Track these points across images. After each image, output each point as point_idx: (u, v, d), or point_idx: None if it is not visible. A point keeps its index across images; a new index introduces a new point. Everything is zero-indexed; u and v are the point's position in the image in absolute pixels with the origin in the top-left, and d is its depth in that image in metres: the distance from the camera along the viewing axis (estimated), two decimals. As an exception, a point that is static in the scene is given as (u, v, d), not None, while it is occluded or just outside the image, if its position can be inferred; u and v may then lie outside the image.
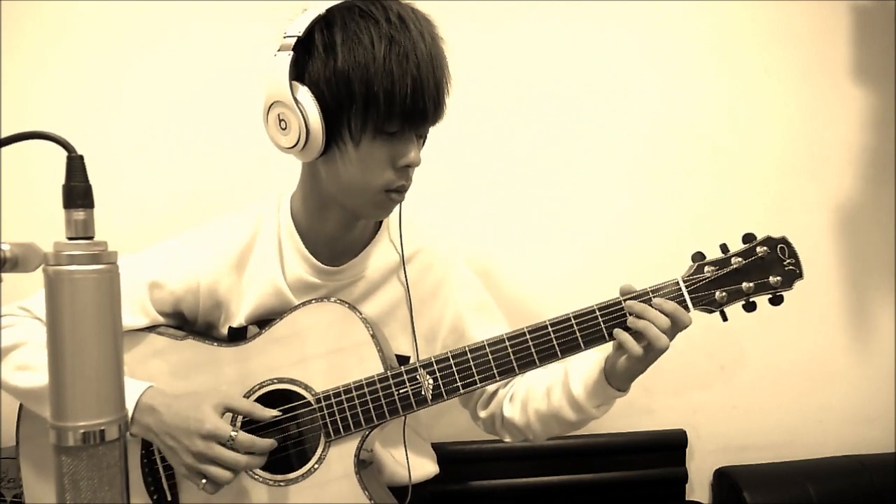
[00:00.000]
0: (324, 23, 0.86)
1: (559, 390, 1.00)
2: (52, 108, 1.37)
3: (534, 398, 1.03)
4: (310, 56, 0.86)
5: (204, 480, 0.87)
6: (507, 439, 1.11)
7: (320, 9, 0.86)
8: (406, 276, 1.03)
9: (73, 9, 1.35)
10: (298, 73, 0.87)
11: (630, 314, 0.91)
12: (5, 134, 0.54)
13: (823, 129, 1.56)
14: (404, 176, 0.92)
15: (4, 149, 0.55)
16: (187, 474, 0.89)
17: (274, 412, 0.93)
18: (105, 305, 0.51)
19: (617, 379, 0.95)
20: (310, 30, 0.86)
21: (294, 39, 0.85)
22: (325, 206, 0.98)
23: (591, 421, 1.01)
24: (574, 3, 1.47)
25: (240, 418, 0.95)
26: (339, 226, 1.00)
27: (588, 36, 1.48)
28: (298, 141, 0.87)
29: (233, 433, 0.87)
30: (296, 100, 0.85)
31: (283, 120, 0.87)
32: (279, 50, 0.86)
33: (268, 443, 0.90)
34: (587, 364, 0.98)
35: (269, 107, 0.88)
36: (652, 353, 0.89)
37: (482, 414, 1.10)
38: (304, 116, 0.85)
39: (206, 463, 0.87)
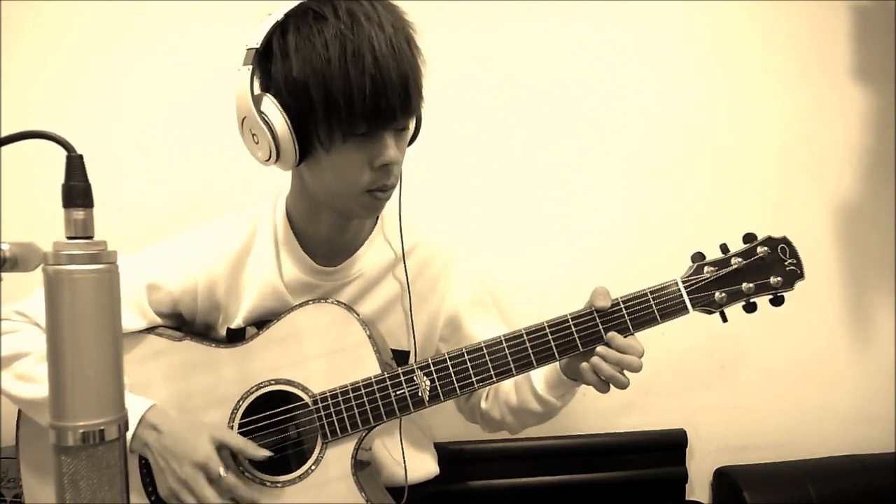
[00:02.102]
0: (279, 31, 0.84)
1: (524, 384, 1.03)
2: (52, 108, 1.36)
3: (504, 393, 1.06)
4: (271, 64, 0.85)
5: None
6: (487, 430, 1.14)
7: (278, 16, 0.84)
8: (406, 273, 1.02)
9: (73, 9, 1.35)
10: (266, 83, 0.86)
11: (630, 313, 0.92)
12: (5, 134, 0.54)
13: (823, 129, 1.56)
14: (385, 174, 0.90)
15: (4, 148, 0.55)
16: (167, 497, 0.90)
17: (267, 452, 0.92)
18: (105, 305, 0.51)
19: (573, 373, 0.96)
20: (268, 38, 0.84)
21: (253, 52, 0.84)
22: (315, 208, 0.98)
23: (559, 410, 1.03)
24: (573, 2, 1.47)
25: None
26: (332, 227, 1.00)
27: (587, 36, 1.48)
28: (271, 153, 0.85)
29: (222, 472, 0.87)
30: (261, 112, 0.84)
31: (254, 134, 0.86)
32: (243, 63, 0.85)
33: (251, 497, 0.90)
34: None
35: (241, 123, 0.87)
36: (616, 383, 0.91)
37: (463, 405, 1.15)
38: (271, 129, 0.83)
39: (186, 491, 0.87)
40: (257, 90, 0.87)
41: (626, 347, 0.90)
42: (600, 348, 0.90)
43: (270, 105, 0.84)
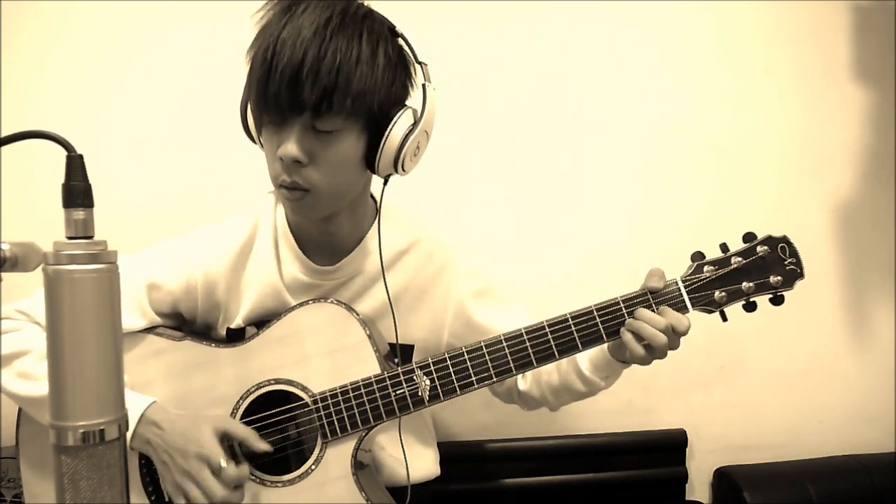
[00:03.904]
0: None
1: (567, 364, 1.03)
2: (52, 108, 1.36)
3: (545, 371, 1.06)
4: None
5: (183, 502, 0.88)
6: (526, 408, 1.14)
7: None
8: (383, 270, 0.99)
9: (72, 9, 1.35)
10: None
11: (629, 314, 0.91)
12: (5, 134, 0.54)
13: (823, 129, 1.56)
14: (286, 170, 0.87)
15: (4, 148, 0.55)
16: (172, 491, 0.90)
17: (267, 446, 0.93)
18: (105, 305, 0.51)
19: (620, 353, 0.96)
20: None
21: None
22: None
23: (603, 389, 1.03)
24: (575, 2, 1.47)
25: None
26: (316, 225, 0.99)
27: (588, 35, 1.48)
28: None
29: (223, 463, 0.87)
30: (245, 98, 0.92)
31: None
32: None
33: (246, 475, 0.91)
34: None
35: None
36: (656, 352, 0.90)
37: (499, 389, 1.14)
38: (243, 111, 0.93)
39: (190, 483, 0.87)
40: None
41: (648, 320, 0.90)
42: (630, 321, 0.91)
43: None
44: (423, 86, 0.90)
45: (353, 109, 0.84)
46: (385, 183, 0.95)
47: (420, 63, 0.91)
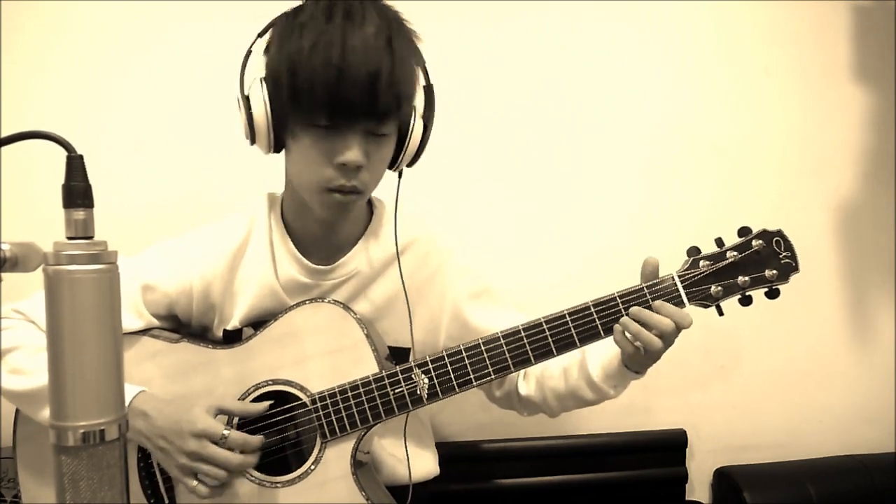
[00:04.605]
0: (279, 21, 0.90)
1: (576, 371, 1.02)
2: (52, 108, 1.36)
3: (550, 377, 1.05)
4: (266, 53, 0.91)
5: (195, 483, 0.88)
6: (525, 414, 1.13)
7: (287, 7, 0.91)
8: (401, 269, 1.01)
9: (72, 9, 1.35)
10: (262, 69, 0.91)
11: (626, 310, 0.91)
12: (5, 134, 0.54)
13: (823, 129, 1.56)
14: (344, 175, 0.89)
15: (4, 149, 0.55)
16: (179, 475, 0.89)
17: (266, 404, 0.94)
18: (105, 305, 0.51)
19: (633, 363, 0.95)
20: (267, 28, 0.91)
21: (256, 38, 0.91)
22: (304, 204, 0.98)
23: (605, 399, 1.03)
24: (574, 2, 1.47)
25: (235, 420, 0.95)
26: (320, 223, 1.00)
27: (588, 35, 1.48)
28: (246, 134, 0.90)
29: (225, 431, 0.88)
30: (245, 97, 0.89)
31: (239, 112, 0.91)
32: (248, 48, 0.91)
33: (258, 439, 0.91)
34: (604, 347, 0.99)
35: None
36: (650, 353, 0.90)
37: (498, 393, 1.12)
38: (248, 110, 0.88)
39: (199, 462, 0.87)
40: (253, 73, 0.91)
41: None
42: (657, 303, 0.90)
43: (257, 89, 0.88)
44: (430, 87, 0.95)
45: (404, 113, 0.90)
46: (400, 178, 0.98)
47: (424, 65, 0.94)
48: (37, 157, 1.30)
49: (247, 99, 0.88)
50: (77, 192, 0.52)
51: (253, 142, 0.91)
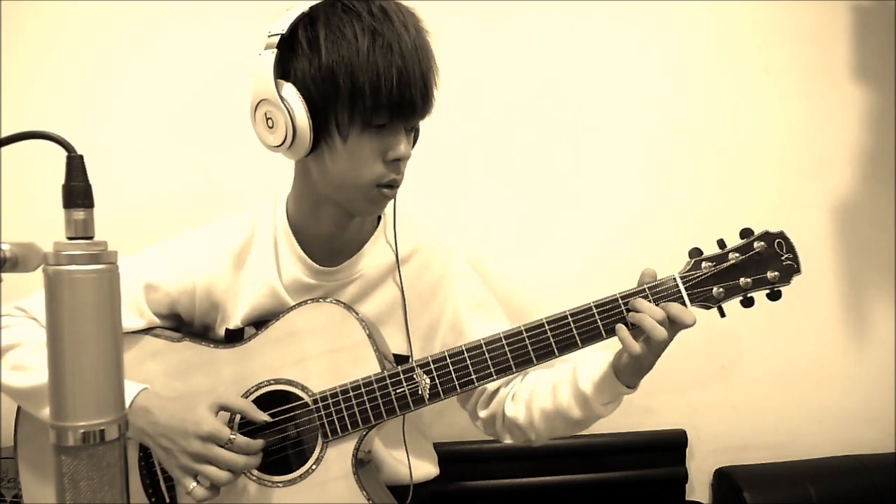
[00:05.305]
0: (307, 20, 0.86)
1: (566, 387, 0.99)
2: (52, 108, 1.37)
3: (539, 396, 1.02)
4: (294, 54, 0.86)
5: (193, 485, 0.87)
6: (508, 440, 1.08)
7: (304, 7, 0.87)
8: (400, 276, 1.02)
9: (72, 9, 1.35)
10: (284, 71, 0.87)
11: (628, 309, 0.91)
12: (5, 134, 0.54)
13: (823, 129, 1.56)
14: (395, 170, 0.92)
15: (4, 149, 0.55)
16: (181, 476, 0.89)
17: (266, 416, 0.93)
18: (105, 305, 0.51)
19: (625, 374, 0.93)
20: (293, 27, 0.86)
21: (278, 38, 0.86)
22: (318, 204, 0.98)
23: (595, 421, 0.99)
24: (574, 2, 1.47)
25: (237, 417, 0.95)
26: (333, 225, 1.00)
27: (587, 35, 1.48)
28: (286, 139, 0.87)
29: (231, 436, 0.87)
30: (281, 97, 0.85)
31: (269, 118, 0.88)
32: (264, 49, 0.87)
33: (262, 443, 0.91)
34: (596, 362, 0.98)
35: (256, 106, 0.89)
36: (652, 346, 0.88)
37: (482, 414, 1.08)
38: (290, 113, 0.85)
39: (203, 464, 0.87)
40: (276, 76, 0.88)
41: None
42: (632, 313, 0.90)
43: (291, 91, 0.86)
44: None
45: None
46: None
47: None
48: (37, 157, 1.30)
49: (284, 101, 0.85)
50: (77, 192, 0.52)
51: (290, 145, 0.88)
